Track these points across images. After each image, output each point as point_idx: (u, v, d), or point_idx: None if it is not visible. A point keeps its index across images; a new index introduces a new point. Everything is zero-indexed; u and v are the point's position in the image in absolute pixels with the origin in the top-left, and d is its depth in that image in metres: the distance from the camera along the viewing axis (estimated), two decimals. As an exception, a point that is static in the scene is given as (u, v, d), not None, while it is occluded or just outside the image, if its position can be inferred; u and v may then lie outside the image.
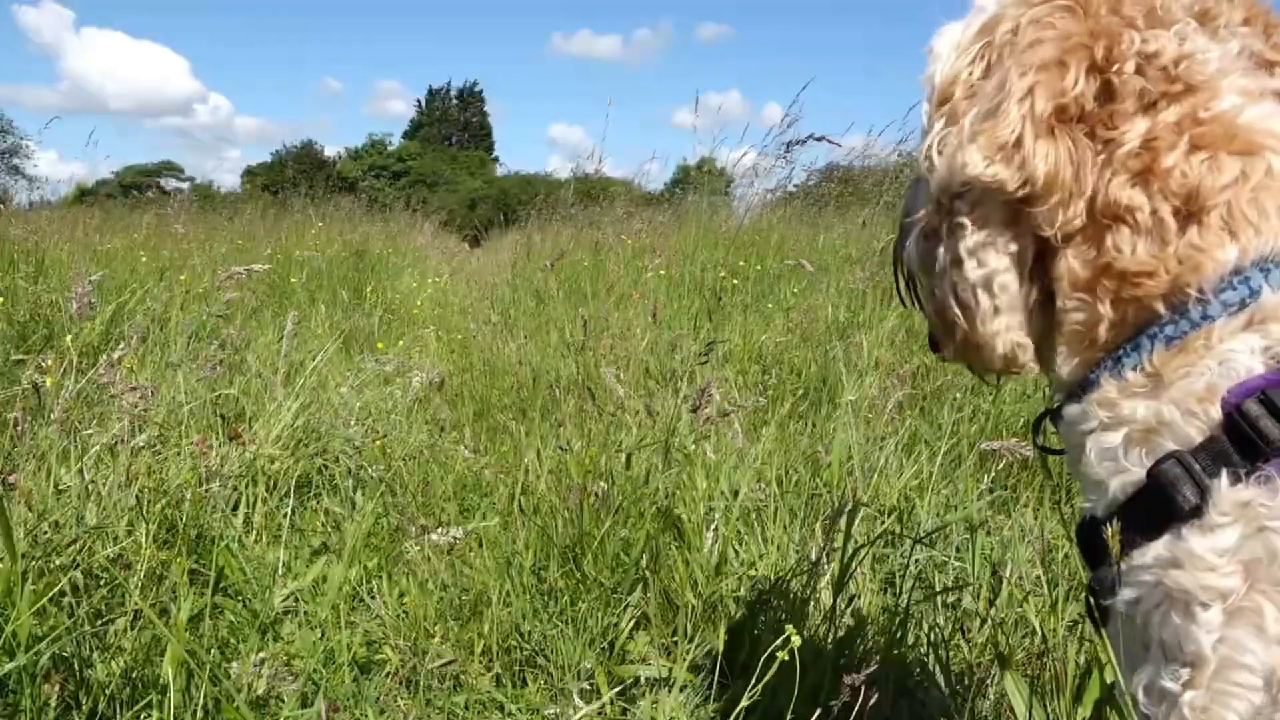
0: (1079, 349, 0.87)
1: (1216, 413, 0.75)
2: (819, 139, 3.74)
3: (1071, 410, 0.87)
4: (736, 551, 2.31)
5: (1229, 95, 0.81)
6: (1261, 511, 0.71)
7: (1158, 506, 0.76)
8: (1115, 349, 0.83)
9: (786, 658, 1.40)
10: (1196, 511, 0.74)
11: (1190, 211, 0.79)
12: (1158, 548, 0.76)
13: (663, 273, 5.51)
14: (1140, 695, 0.78)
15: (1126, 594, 0.79)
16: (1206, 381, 0.76)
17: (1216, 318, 0.77)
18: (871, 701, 1.45)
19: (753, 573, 2.24)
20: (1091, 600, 0.87)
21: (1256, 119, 0.80)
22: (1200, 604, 0.72)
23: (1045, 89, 0.81)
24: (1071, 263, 0.84)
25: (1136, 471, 0.80)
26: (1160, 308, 0.80)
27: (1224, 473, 0.73)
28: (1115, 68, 0.82)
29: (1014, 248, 0.87)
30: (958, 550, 2.38)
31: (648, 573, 2.14)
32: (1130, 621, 0.79)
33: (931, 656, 1.90)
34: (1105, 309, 0.83)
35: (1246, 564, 0.71)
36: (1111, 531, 0.79)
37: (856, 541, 2.06)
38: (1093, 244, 0.83)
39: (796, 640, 1.41)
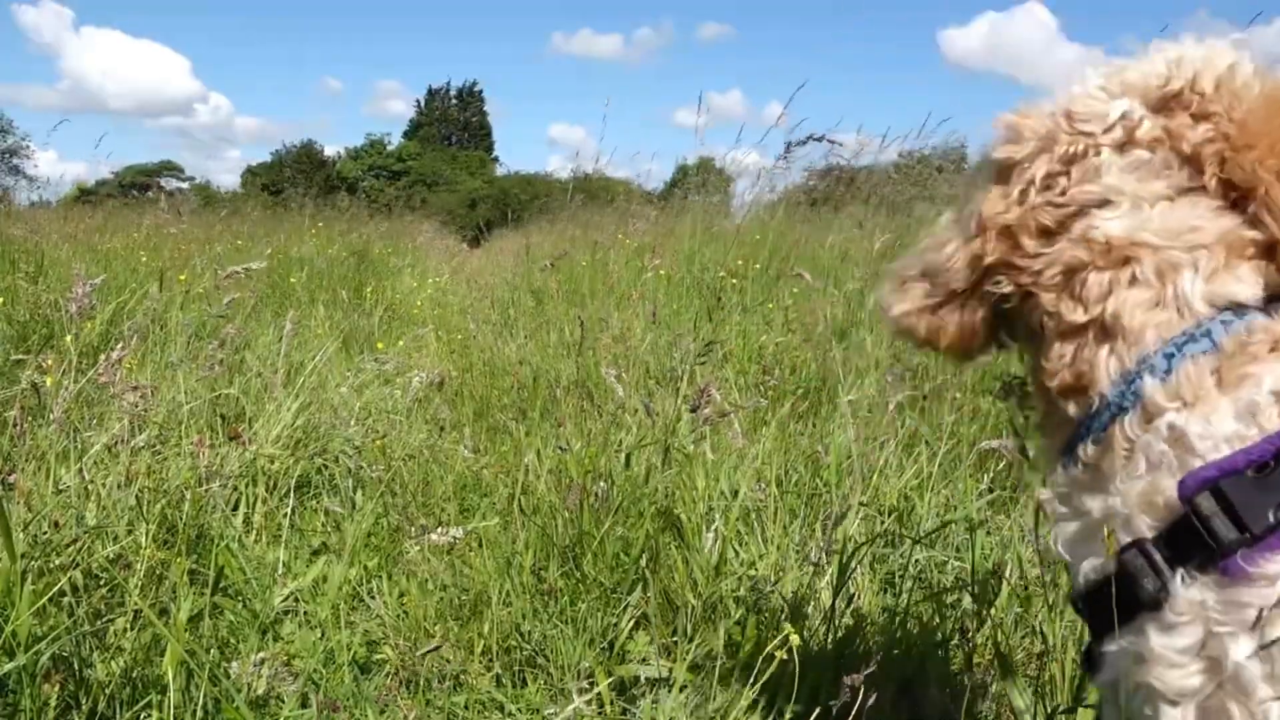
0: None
1: (1167, 507, 0.76)
2: (819, 139, 3.72)
3: (1043, 494, 0.93)
4: (736, 551, 2.31)
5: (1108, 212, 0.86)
6: (1213, 615, 0.71)
7: (1122, 595, 0.78)
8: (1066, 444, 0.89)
9: (785, 657, 1.40)
10: (1156, 605, 0.75)
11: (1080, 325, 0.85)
12: (1124, 639, 0.78)
13: (662, 273, 5.51)
14: None
15: (1105, 676, 0.81)
16: (1148, 480, 0.78)
17: (1124, 413, 0.81)
18: (871, 702, 1.45)
19: (753, 573, 2.24)
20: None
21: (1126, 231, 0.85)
22: (1168, 702, 0.72)
23: None
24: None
25: (1098, 560, 0.82)
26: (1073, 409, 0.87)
27: (1179, 572, 0.74)
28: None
29: None
30: (958, 550, 2.38)
31: (648, 573, 2.14)
32: (1112, 700, 0.81)
33: (931, 656, 1.90)
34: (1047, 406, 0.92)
35: (1210, 662, 0.71)
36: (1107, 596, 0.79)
37: (856, 541, 2.06)
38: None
39: (795, 640, 1.41)
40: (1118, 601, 0.78)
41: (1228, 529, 0.71)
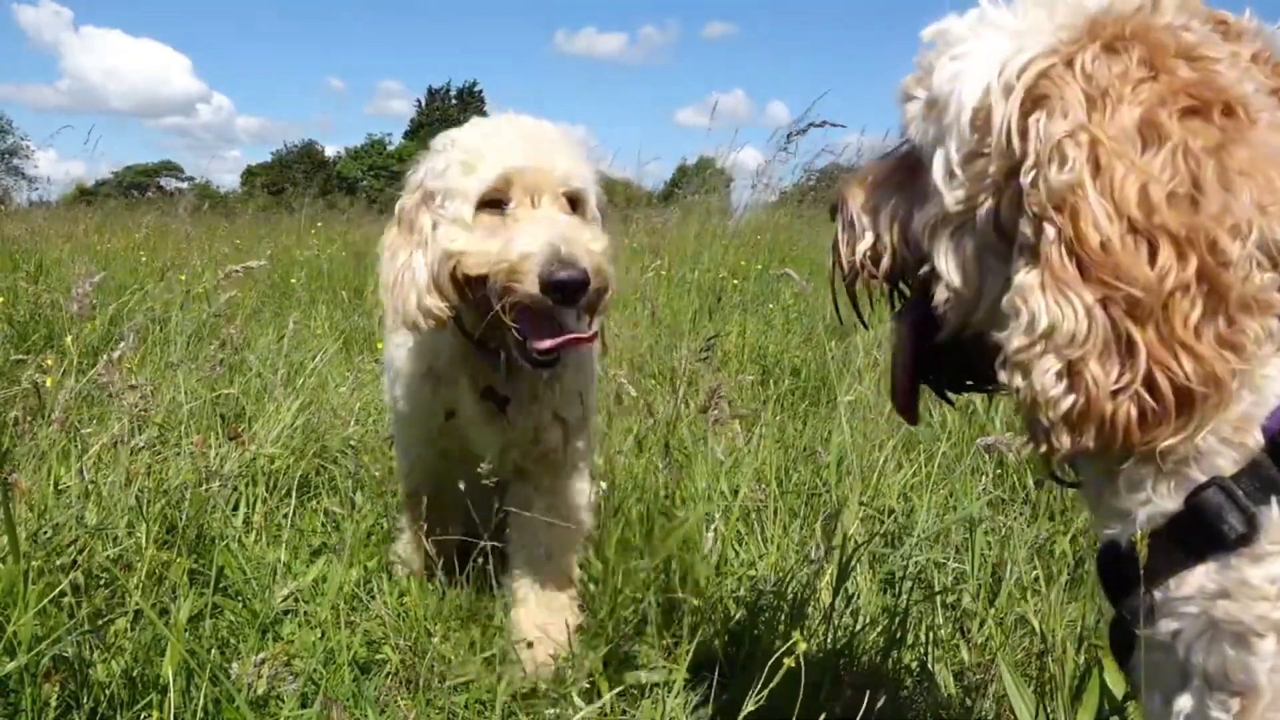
0: None
1: (1255, 440, 0.75)
2: (819, 125, 3.72)
3: None
4: (736, 551, 2.31)
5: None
6: None
7: (1199, 535, 0.75)
8: None
9: (793, 664, 1.40)
10: (1244, 540, 0.73)
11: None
12: (1201, 578, 0.75)
13: (663, 273, 5.51)
14: None
15: (1167, 624, 0.78)
16: (1241, 410, 0.76)
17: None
18: (872, 703, 1.45)
19: (753, 573, 2.24)
20: (1114, 631, 0.86)
21: None
22: (1256, 634, 0.71)
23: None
24: None
25: (1169, 500, 0.78)
26: None
27: (1274, 500, 0.72)
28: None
29: None
30: (957, 550, 2.37)
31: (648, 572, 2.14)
32: (1167, 650, 0.78)
33: (931, 656, 1.90)
34: None
35: None
36: (1139, 546, 0.78)
37: (856, 541, 2.06)
38: None
39: (803, 646, 1.40)
40: (1190, 543, 0.76)
41: None
